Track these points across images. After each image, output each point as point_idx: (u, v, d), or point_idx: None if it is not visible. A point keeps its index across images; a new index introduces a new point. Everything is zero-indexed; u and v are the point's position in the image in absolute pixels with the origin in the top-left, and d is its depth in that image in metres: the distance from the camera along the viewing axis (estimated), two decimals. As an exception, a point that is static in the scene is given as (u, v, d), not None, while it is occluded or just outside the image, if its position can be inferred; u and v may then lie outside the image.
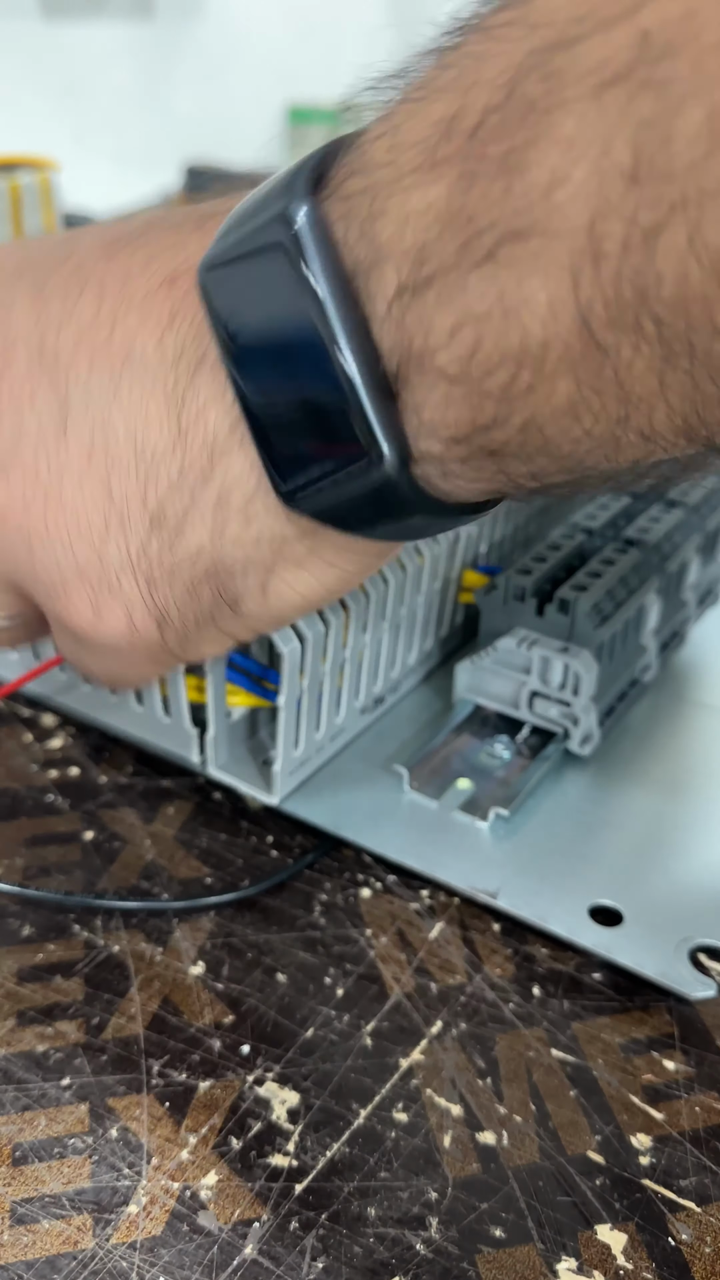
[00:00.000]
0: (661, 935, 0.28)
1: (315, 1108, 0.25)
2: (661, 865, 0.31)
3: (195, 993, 0.27)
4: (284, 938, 0.29)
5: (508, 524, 0.40)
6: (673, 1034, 0.27)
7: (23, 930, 0.29)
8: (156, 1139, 0.24)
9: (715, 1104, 0.25)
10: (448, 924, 0.30)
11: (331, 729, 0.33)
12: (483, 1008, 0.27)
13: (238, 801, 0.34)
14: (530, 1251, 0.22)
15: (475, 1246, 0.22)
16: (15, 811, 0.33)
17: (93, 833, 0.32)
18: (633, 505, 0.40)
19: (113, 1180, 0.23)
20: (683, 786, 0.34)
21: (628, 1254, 0.22)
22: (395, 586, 0.33)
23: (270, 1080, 0.25)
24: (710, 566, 0.43)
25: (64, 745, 0.36)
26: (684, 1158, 0.24)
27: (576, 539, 0.37)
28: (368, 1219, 0.23)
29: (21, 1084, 0.25)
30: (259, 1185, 0.23)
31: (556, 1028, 0.27)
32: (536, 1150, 0.24)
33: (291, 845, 0.32)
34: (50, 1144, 0.24)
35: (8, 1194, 0.23)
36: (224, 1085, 0.25)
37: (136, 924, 0.29)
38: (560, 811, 0.33)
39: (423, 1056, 0.26)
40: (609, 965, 0.28)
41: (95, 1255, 0.22)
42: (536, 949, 0.29)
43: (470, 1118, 0.25)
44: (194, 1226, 0.22)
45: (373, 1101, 0.25)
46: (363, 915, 0.30)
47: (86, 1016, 0.27)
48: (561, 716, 0.34)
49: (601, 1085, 0.25)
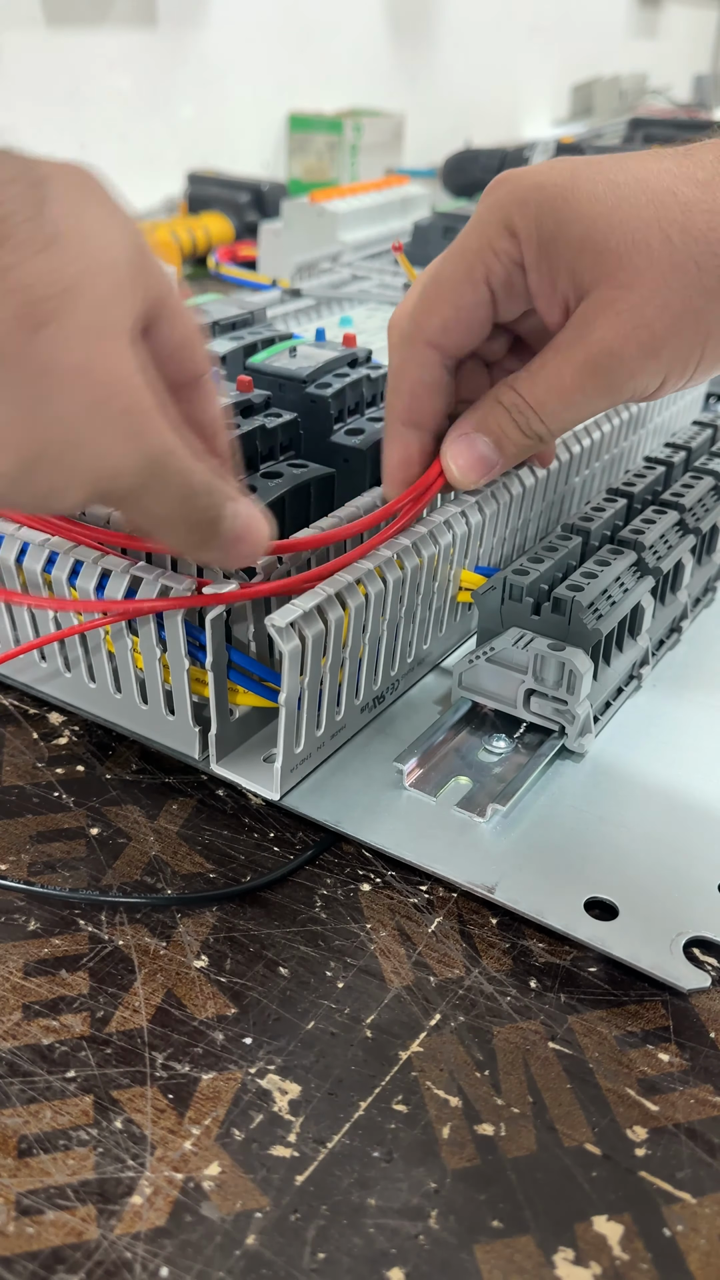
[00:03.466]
0: (656, 929, 0.29)
1: (316, 1099, 0.25)
2: (657, 860, 0.31)
3: (198, 986, 0.28)
4: (285, 932, 0.29)
5: (505, 526, 0.40)
6: (668, 1027, 0.27)
7: (29, 925, 0.29)
8: (160, 1130, 0.24)
9: (710, 1097, 0.25)
10: (446, 918, 0.30)
11: (332, 726, 0.34)
12: (481, 1001, 0.28)
13: (240, 798, 0.34)
14: (528, 1242, 0.22)
15: (474, 1237, 0.22)
16: (21, 808, 0.33)
17: (97, 829, 0.33)
18: (628, 508, 0.41)
19: (117, 1171, 0.23)
20: (678, 783, 0.34)
21: (624, 1245, 0.22)
22: (395, 586, 0.34)
23: (272, 1072, 0.26)
24: (705, 567, 0.43)
25: (69, 743, 0.36)
26: (679, 1150, 0.24)
27: (572, 540, 0.37)
28: (368, 1210, 0.23)
29: (27, 1076, 0.25)
30: (261, 1176, 0.23)
31: (553, 1021, 0.27)
32: (534, 1142, 0.24)
33: (293, 841, 0.32)
34: (55, 1136, 0.24)
35: (13, 1185, 0.23)
36: (226, 1077, 0.25)
37: (140, 919, 0.30)
38: (557, 807, 0.33)
39: (422, 1049, 0.26)
40: (605, 959, 0.29)
41: (99, 1245, 0.22)
42: (533, 943, 0.29)
43: (469, 1109, 0.25)
44: (197, 1217, 0.23)
45: (373, 1093, 0.25)
46: (363, 910, 0.30)
47: (91, 1010, 0.27)
48: (558, 714, 0.34)
49: (598, 1078, 0.26)
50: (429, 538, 0.35)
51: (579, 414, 0.31)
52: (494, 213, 0.30)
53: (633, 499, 0.41)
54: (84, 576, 0.33)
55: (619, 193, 0.29)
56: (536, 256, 0.30)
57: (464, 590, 0.38)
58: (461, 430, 0.33)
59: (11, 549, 0.34)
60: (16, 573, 0.34)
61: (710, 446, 0.46)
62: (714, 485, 0.43)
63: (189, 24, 1.08)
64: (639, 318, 0.29)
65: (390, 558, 0.33)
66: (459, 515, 0.37)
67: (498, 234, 0.30)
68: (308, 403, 0.39)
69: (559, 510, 0.44)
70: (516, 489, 0.40)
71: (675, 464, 0.44)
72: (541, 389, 0.31)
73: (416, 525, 0.35)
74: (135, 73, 1.03)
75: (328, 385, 0.39)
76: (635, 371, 0.30)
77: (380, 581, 0.33)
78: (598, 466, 0.46)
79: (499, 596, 0.35)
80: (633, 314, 0.29)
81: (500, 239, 0.30)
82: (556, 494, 0.43)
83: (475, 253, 0.31)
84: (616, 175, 0.29)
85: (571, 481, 0.44)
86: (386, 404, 0.34)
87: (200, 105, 1.12)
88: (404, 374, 0.33)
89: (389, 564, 0.33)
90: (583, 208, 0.29)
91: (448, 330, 0.32)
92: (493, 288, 0.31)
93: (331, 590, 0.31)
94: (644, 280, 0.28)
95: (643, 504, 0.41)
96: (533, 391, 0.31)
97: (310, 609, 0.30)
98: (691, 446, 0.45)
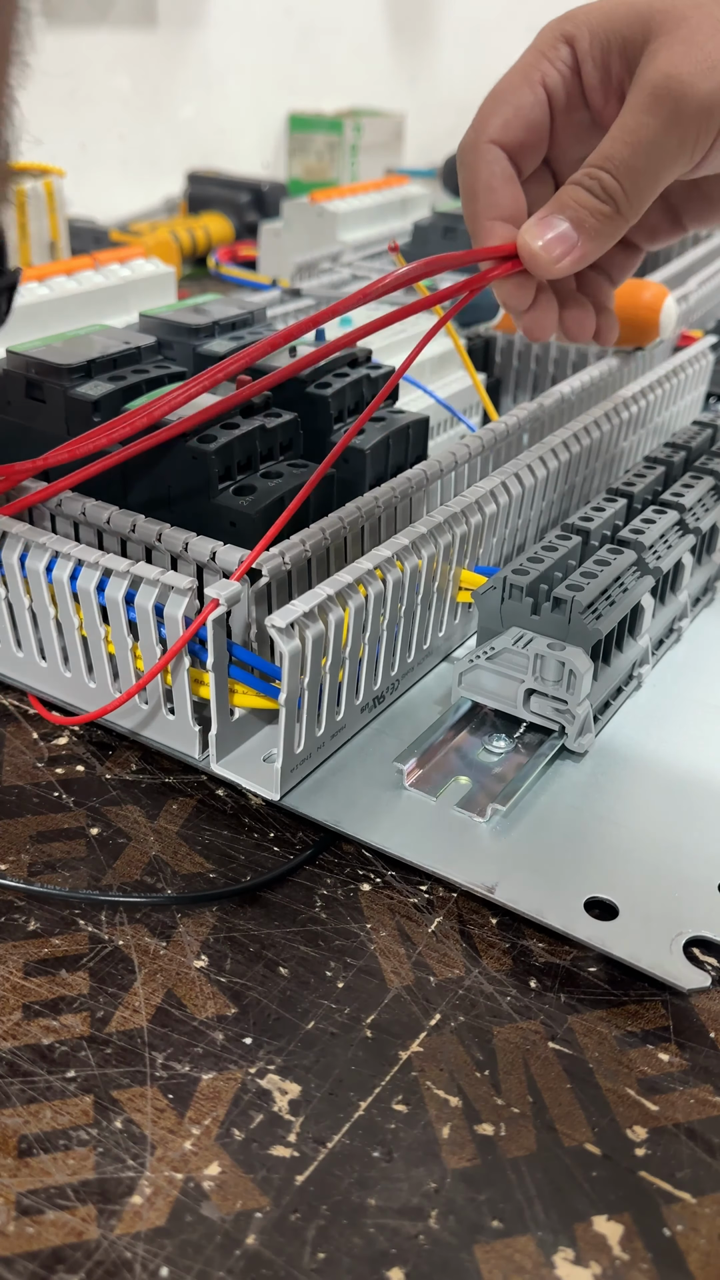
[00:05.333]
0: (656, 929, 0.29)
1: (316, 1099, 0.25)
2: (657, 860, 0.31)
3: (198, 986, 0.28)
4: (285, 932, 0.29)
5: (505, 526, 0.40)
6: (667, 1027, 0.27)
7: (29, 925, 0.29)
8: (160, 1130, 0.24)
9: (710, 1097, 0.25)
10: (446, 918, 0.30)
11: (332, 726, 0.34)
12: (481, 1001, 0.28)
13: (240, 798, 0.34)
14: (528, 1242, 0.22)
15: (474, 1237, 0.22)
16: (21, 808, 0.33)
17: (97, 829, 0.33)
18: (628, 508, 0.41)
19: (117, 1171, 0.23)
20: (677, 782, 0.34)
21: (624, 1245, 0.22)
22: (394, 586, 0.34)
23: (272, 1072, 0.26)
24: (705, 567, 0.43)
25: (69, 743, 0.36)
26: (679, 1150, 0.24)
27: (572, 540, 0.37)
28: (368, 1209, 0.23)
29: (27, 1076, 0.25)
30: (261, 1176, 0.23)
31: (553, 1021, 0.27)
32: (534, 1142, 0.24)
33: (293, 841, 0.32)
34: (55, 1136, 0.24)
35: (13, 1185, 0.23)
36: (226, 1077, 0.25)
37: (140, 919, 0.30)
38: (557, 807, 0.33)
39: (422, 1049, 0.26)
40: (605, 958, 0.29)
41: (99, 1245, 0.22)
42: (533, 943, 0.29)
43: (469, 1109, 0.25)
44: (197, 1217, 0.23)
45: (373, 1093, 0.25)
46: (363, 910, 0.30)
47: (91, 1010, 0.27)
48: (558, 714, 0.34)
49: (598, 1078, 0.26)
50: (429, 537, 0.35)
51: (650, 162, 0.31)
52: (548, 31, 0.33)
53: (633, 499, 0.41)
54: (84, 577, 0.33)
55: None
56: (590, 49, 0.32)
57: (464, 590, 0.38)
58: (538, 216, 0.32)
59: (14, 550, 0.34)
60: (17, 573, 0.35)
61: (710, 446, 0.46)
62: (714, 485, 0.43)
63: (189, 24, 1.08)
64: (691, 44, 0.30)
65: (390, 558, 0.33)
66: (459, 515, 0.37)
67: (552, 44, 0.33)
68: (308, 403, 0.39)
69: (559, 510, 0.44)
70: (516, 489, 0.40)
71: (675, 464, 0.44)
72: (608, 145, 0.31)
73: (416, 525, 0.35)
74: (135, 73, 1.03)
75: (328, 385, 0.39)
76: (694, 93, 0.30)
77: (381, 581, 0.33)
78: (598, 466, 0.46)
79: (499, 596, 0.35)
80: (684, 42, 0.30)
81: (555, 48, 0.33)
82: (556, 493, 0.43)
83: (531, 61, 0.33)
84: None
85: (571, 481, 0.44)
86: (466, 215, 0.34)
87: (200, 105, 1.12)
88: (476, 173, 0.34)
89: (389, 564, 0.33)
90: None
91: (508, 127, 0.33)
92: (549, 90, 0.33)
93: (331, 590, 0.31)
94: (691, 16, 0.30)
95: (643, 504, 0.41)
96: (601, 152, 0.31)
97: (310, 609, 0.30)
98: (691, 446, 0.45)
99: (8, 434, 0.38)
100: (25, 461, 0.34)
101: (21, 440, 0.37)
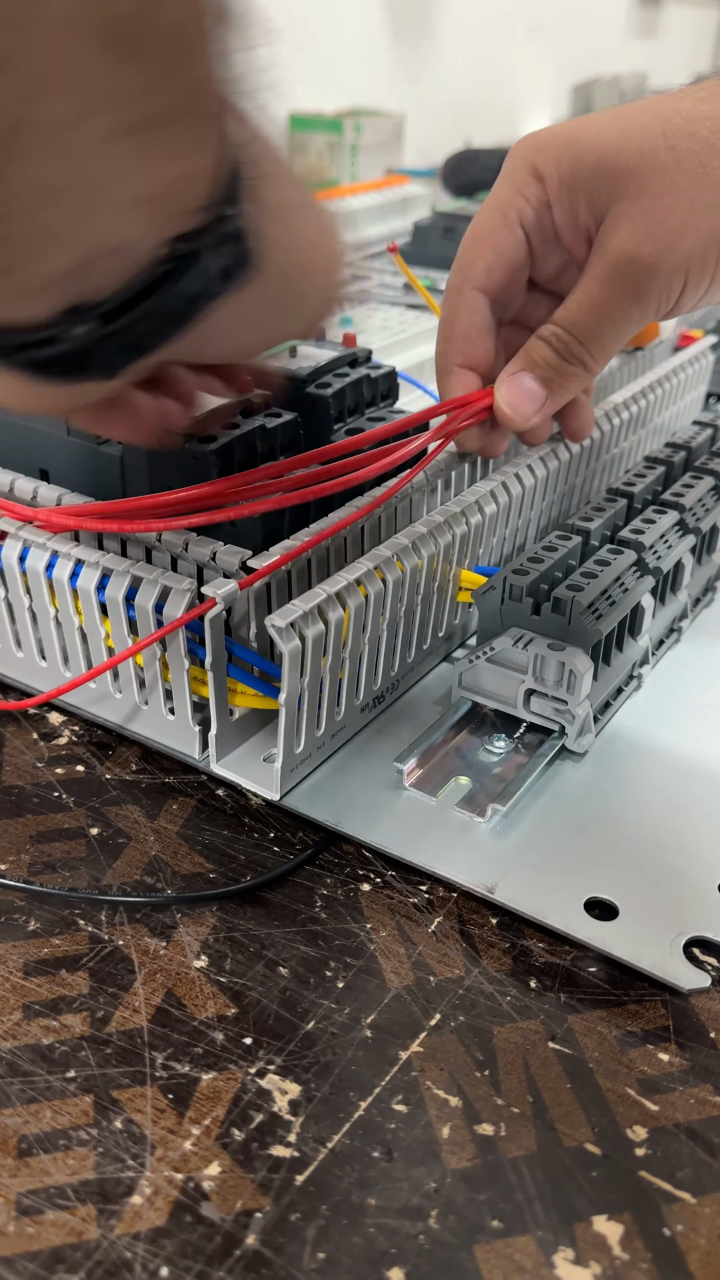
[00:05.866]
0: (656, 929, 0.29)
1: (316, 1099, 0.25)
2: (657, 860, 0.31)
3: (198, 986, 0.28)
4: (285, 932, 0.29)
5: (505, 526, 0.40)
6: (667, 1027, 0.27)
7: (29, 925, 0.29)
8: (160, 1130, 0.24)
9: (710, 1097, 0.25)
10: (446, 918, 0.30)
11: (332, 726, 0.34)
12: (481, 1001, 0.28)
13: (240, 798, 0.34)
14: (528, 1242, 0.22)
15: (474, 1237, 0.22)
16: (21, 808, 0.33)
17: (98, 829, 0.33)
18: (628, 508, 0.41)
19: (117, 1171, 0.23)
20: (677, 782, 0.34)
21: (624, 1244, 0.22)
22: (394, 586, 0.34)
23: (272, 1072, 0.26)
24: (705, 567, 0.43)
25: (69, 743, 0.36)
26: (679, 1150, 0.24)
27: (572, 540, 0.37)
28: (368, 1209, 0.23)
29: (27, 1076, 0.25)
30: (261, 1176, 0.23)
31: (553, 1020, 0.27)
32: (534, 1141, 0.24)
33: (293, 841, 0.32)
34: (55, 1136, 0.24)
35: (13, 1185, 0.23)
36: (226, 1077, 0.25)
37: (140, 918, 0.30)
38: (557, 807, 0.33)
39: (422, 1049, 0.26)
40: (605, 958, 0.29)
41: (99, 1245, 0.22)
42: (533, 943, 0.29)
43: (469, 1109, 0.25)
44: (197, 1217, 0.23)
45: (372, 1093, 0.25)
46: (363, 910, 0.30)
47: (91, 1010, 0.27)
48: (558, 714, 0.34)
49: (598, 1077, 0.26)
50: (429, 538, 0.35)
51: (612, 328, 0.33)
52: (519, 162, 0.33)
53: (633, 499, 0.41)
54: (84, 577, 0.33)
55: (626, 119, 0.32)
56: (559, 193, 0.32)
57: (464, 590, 0.38)
58: (508, 371, 0.34)
59: (14, 549, 0.34)
60: (17, 572, 0.35)
61: (710, 446, 0.46)
62: (714, 485, 0.43)
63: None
64: (650, 220, 0.31)
65: (390, 558, 0.33)
66: (459, 515, 0.37)
67: (524, 180, 0.33)
68: (308, 403, 0.39)
69: (559, 510, 0.44)
70: (516, 489, 0.40)
71: (675, 464, 0.44)
72: (573, 309, 0.33)
73: (416, 525, 0.35)
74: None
75: (328, 385, 0.39)
76: (655, 272, 0.31)
77: (380, 581, 0.33)
78: (598, 466, 0.46)
79: (499, 596, 0.35)
80: (644, 217, 0.31)
81: (527, 184, 0.33)
82: (556, 494, 0.43)
83: (507, 200, 0.34)
84: (624, 109, 0.32)
85: (571, 481, 0.44)
86: (438, 353, 0.36)
87: (200, 105, 1.12)
88: (455, 319, 0.35)
89: (389, 564, 0.33)
90: (594, 139, 0.32)
91: (491, 272, 0.34)
92: (526, 230, 0.34)
93: (331, 590, 0.31)
94: (652, 186, 0.31)
95: (643, 504, 0.41)
96: (565, 315, 0.33)
97: (310, 609, 0.30)
98: (691, 446, 0.45)
99: (8, 434, 0.38)
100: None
101: (22, 440, 0.37)
